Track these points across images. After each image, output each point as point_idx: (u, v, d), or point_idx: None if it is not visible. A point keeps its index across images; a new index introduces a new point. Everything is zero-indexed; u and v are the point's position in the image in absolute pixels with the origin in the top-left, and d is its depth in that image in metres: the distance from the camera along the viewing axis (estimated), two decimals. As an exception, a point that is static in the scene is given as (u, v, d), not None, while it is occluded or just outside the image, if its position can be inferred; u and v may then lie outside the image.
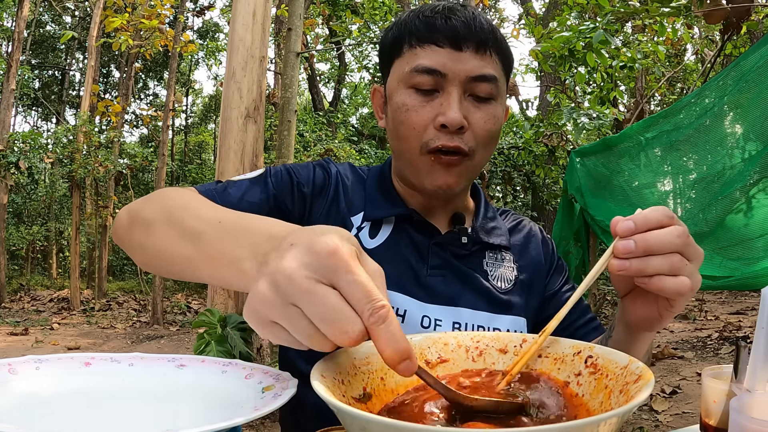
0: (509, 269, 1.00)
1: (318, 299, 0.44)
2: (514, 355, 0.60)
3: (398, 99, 0.90)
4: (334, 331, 0.44)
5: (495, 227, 1.02)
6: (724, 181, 2.86)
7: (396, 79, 0.92)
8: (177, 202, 0.72)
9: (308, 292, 0.44)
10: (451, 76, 0.87)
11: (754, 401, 0.48)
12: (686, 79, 8.01)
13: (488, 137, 0.91)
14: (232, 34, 3.57)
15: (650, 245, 0.59)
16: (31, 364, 0.61)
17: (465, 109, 0.88)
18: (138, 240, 0.73)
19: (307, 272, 0.45)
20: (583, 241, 4.27)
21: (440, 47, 0.88)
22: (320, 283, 0.45)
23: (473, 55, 0.88)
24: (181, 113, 19.04)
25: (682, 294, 0.61)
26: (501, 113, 0.93)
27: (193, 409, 0.59)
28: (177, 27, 8.80)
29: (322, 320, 0.44)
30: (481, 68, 0.88)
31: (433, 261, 0.95)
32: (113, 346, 6.42)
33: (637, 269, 0.60)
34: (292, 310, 0.45)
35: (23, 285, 11.23)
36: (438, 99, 0.88)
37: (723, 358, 4.99)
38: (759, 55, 2.62)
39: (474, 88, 0.88)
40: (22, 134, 9.07)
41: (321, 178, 0.99)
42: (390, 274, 0.89)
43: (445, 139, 0.87)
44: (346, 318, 0.44)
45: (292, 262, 0.46)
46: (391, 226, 0.97)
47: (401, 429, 0.38)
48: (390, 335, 0.44)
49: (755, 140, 2.71)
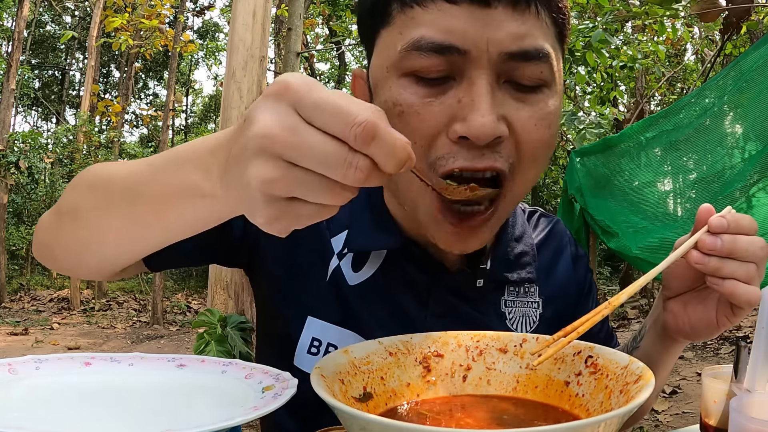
0: (533, 307, 0.79)
1: (302, 145, 0.38)
2: (514, 354, 0.60)
3: (388, 94, 0.60)
4: (341, 173, 0.38)
5: (522, 253, 0.78)
6: (724, 180, 2.86)
7: (384, 61, 0.61)
8: (95, 176, 0.61)
9: (288, 142, 0.38)
10: (476, 52, 0.56)
11: (754, 401, 0.48)
12: (686, 79, 8.01)
13: (542, 149, 0.61)
14: (232, 34, 3.57)
15: (736, 249, 0.58)
16: (31, 364, 0.61)
17: (501, 106, 0.58)
18: (68, 236, 0.62)
19: (275, 121, 0.38)
20: (583, 241, 4.27)
21: (453, 3, 0.56)
22: (298, 124, 0.38)
23: (510, 14, 0.56)
24: (181, 113, 19.04)
25: (753, 304, 0.59)
26: (557, 107, 0.62)
27: (192, 409, 0.59)
28: (177, 27, 8.81)
29: (322, 166, 0.38)
30: (525, 37, 0.57)
31: (436, 308, 0.74)
32: (113, 346, 6.42)
33: (714, 267, 0.58)
34: (294, 170, 0.39)
35: (23, 285, 11.22)
36: (453, 91, 0.58)
37: (723, 358, 4.98)
38: (759, 54, 2.62)
39: (514, 71, 0.58)
40: (22, 134, 9.08)
41: None
42: (378, 319, 0.73)
43: (466, 158, 0.58)
44: (337, 152, 0.38)
45: (255, 127, 0.39)
46: (382, 258, 0.74)
47: (401, 429, 0.38)
48: (386, 151, 0.38)
49: (755, 140, 2.71)
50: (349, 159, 0.38)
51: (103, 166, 0.62)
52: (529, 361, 0.58)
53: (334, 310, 0.74)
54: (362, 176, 0.38)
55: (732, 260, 0.58)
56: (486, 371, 0.59)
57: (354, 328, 0.73)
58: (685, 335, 0.69)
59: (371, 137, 0.37)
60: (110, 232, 0.57)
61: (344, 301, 0.73)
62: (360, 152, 0.38)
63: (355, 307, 0.73)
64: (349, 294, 0.73)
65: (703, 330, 0.66)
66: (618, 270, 10.08)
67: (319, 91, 0.39)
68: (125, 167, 0.57)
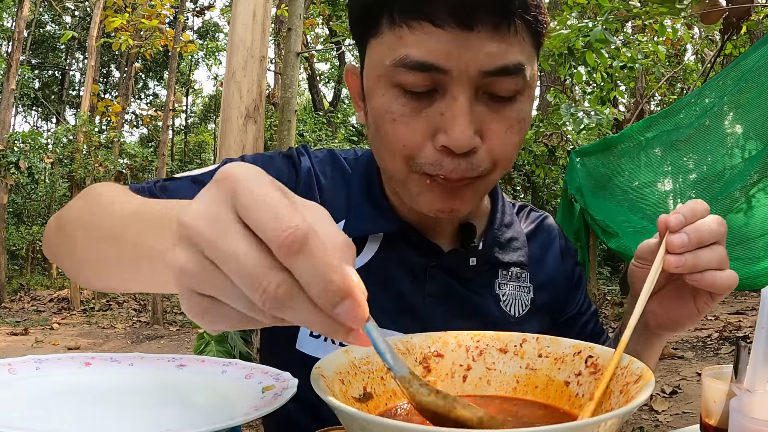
0: (525, 291, 0.83)
1: (224, 249, 0.33)
2: (515, 354, 0.60)
3: (379, 102, 0.66)
4: (249, 289, 0.32)
5: (512, 239, 0.83)
6: (725, 180, 2.87)
7: (374, 69, 0.66)
8: (96, 201, 0.60)
9: (212, 242, 0.33)
10: (457, 72, 0.61)
11: (754, 401, 0.48)
12: (686, 79, 8.01)
13: (511, 149, 0.68)
14: (232, 34, 3.57)
15: (702, 235, 0.58)
16: (31, 364, 0.61)
17: (478, 119, 0.64)
18: (65, 248, 0.63)
19: (208, 215, 0.34)
20: (583, 241, 4.28)
21: (439, 27, 0.60)
22: (228, 223, 0.33)
23: (490, 36, 0.60)
24: (181, 113, 19.06)
25: (731, 288, 0.60)
26: (528, 111, 0.68)
27: (193, 409, 0.59)
28: (177, 27, 8.80)
29: (237, 276, 0.33)
30: (502, 57, 0.61)
31: (432, 287, 0.78)
32: (113, 346, 6.42)
33: (692, 265, 0.58)
34: (213, 272, 0.34)
35: (23, 285, 11.22)
36: (437, 104, 0.64)
37: (723, 358, 4.98)
38: (759, 55, 2.62)
39: (491, 86, 0.63)
40: (22, 134, 9.07)
41: (285, 176, 0.79)
42: (375, 302, 0.73)
43: (447, 167, 0.65)
44: (257, 267, 0.32)
45: (193, 208, 0.35)
46: (379, 241, 0.78)
47: (401, 429, 0.38)
48: (311, 269, 0.32)
49: (755, 140, 2.71)
50: (268, 278, 0.32)
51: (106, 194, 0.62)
52: (530, 362, 0.58)
53: None
54: (276, 303, 0.32)
55: (703, 250, 0.59)
56: (486, 371, 0.59)
57: None
58: (667, 329, 0.70)
59: (298, 246, 0.31)
60: (96, 261, 0.56)
61: None
62: (283, 270, 0.32)
63: None
64: None
65: (685, 321, 0.67)
66: (618, 270, 10.09)
67: (262, 185, 0.33)
68: (120, 206, 0.55)
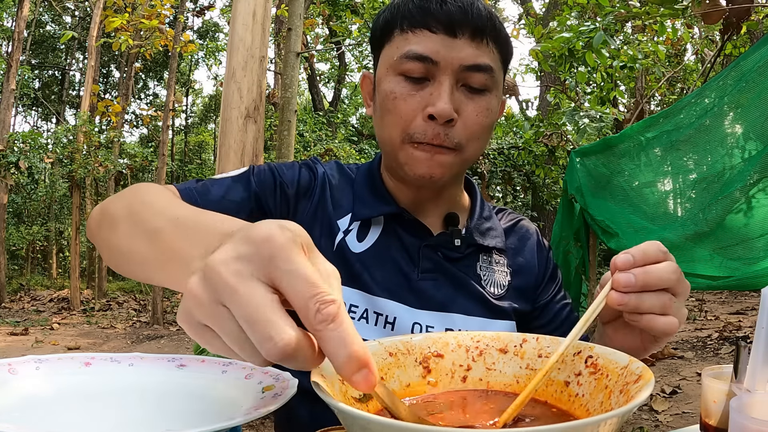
0: (502, 274, 0.97)
1: (243, 297, 0.38)
2: (514, 354, 0.60)
3: (386, 86, 0.86)
4: (258, 337, 0.37)
5: (490, 228, 0.99)
6: (725, 180, 2.86)
7: (385, 65, 0.88)
8: (143, 198, 0.68)
9: (233, 287, 0.38)
10: (444, 64, 0.83)
11: (754, 401, 0.48)
12: (686, 79, 8.01)
13: (480, 131, 0.87)
14: (232, 34, 3.57)
15: (648, 280, 0.61)
16: (31, 364, 0.61)
17: (456, 100, 0.84)
18: (105, 237, 0.71)
19: (237, 265, 0.39)
20: (583, 241, 4.27)
21: (433, 33, 0.83)
22: (252, 278, 0.39)
23: (468, 43, 0.83)
24: (181, 113, 19.06)
25: (670, 334, 0.64)
26: (495, 106, 0.88)
27: (193, 409, 0.59)
28: (177, 27, 8.80)
29: (246, 322, 0.38)
30: (476, 57, 0.84)
31: (424, 264, 0.92)
32: (113, 346, 6.42)
33: (634, 305, 0.61)
34: (220, 310, 0.39)
35: (23, 285, 11.23)
36: (428, 88, 0.84)
37: (723, 358, 4.98)
38: (759, 55, 2.62)
39: (467, 78, 0.84)
40: (22, 134, 9.07)
41: (306, 179, 0.95)
42: (379, 278, 0.93)
43: (431, 134, 0.83)
44: (271, 321, 0.37)
45: (223, 253, 0.40)
46: (380, 228, 0.93)
47: (401, 429, 0.38)
48: (340, 338, 0.37)
49: (755, 140, 2.71)
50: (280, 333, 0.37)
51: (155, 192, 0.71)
52: (530, 362, 0.58)
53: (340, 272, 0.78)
54: (282, 356, 0.37)
55: (648, 294, 0.61)
56: (486, 371, 0.60)
57: (357, 286, 0.89)
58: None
59: (332, 318, 0.37)
60: (131, 254, 0.62)
61: (349, 266, 0.89)
62: (296, 329, 0.38)
63: (358, 270, 0.89)
64: (353, 259, 0.90)
65: (633, 353, 0.70)
66: (618, 270, 10.06)
67: (298, 254, 0.39)
68: (165, 206, 0.62)
